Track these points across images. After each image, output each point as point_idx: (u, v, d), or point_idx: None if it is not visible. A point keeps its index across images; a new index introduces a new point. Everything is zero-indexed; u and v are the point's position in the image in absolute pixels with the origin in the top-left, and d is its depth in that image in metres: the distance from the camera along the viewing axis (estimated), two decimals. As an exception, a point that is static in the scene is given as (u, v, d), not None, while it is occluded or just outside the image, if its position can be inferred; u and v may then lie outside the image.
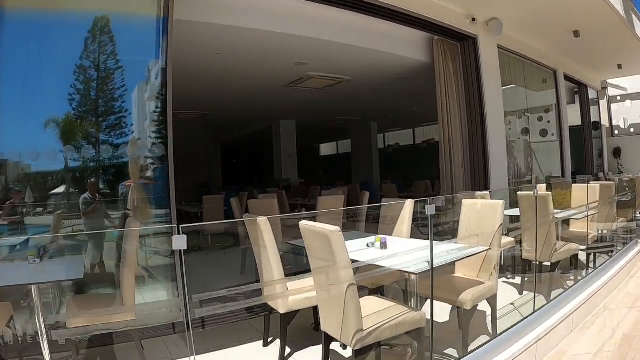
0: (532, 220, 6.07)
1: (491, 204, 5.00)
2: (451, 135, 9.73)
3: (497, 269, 4.81)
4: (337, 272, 3.62)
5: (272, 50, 9.25)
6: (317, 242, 3.80)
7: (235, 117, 19.68)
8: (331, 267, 3.65)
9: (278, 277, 4.58)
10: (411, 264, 3.87)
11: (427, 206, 3.68)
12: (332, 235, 3.55)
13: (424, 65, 10.20)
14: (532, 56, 12.27)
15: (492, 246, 4.67)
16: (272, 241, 4.57)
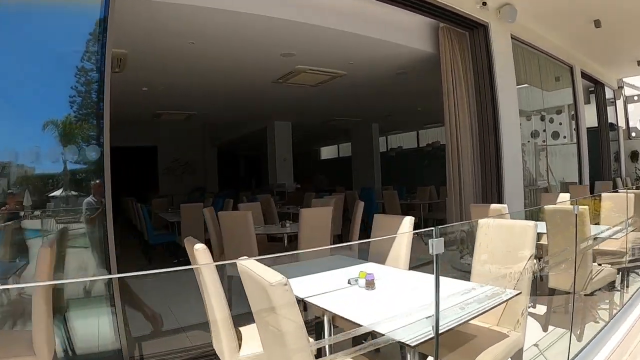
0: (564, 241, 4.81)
1: (518, 227, 3.72)
2: (459, 137, 8.58)
3: (526, 314, 3.53)
4: (282, 337, 2.47)
5: (253, 38, 8.18)
6: (256, 292, 2.62)
7: (226, 118, 18.97)
8: (275, 332, 2.52)
9: (222, 325, 3.33)
10: (406, 320, 2.59)
11: (431, 241, 2.41)
12: (272, 291, 2.39)
13: (428, 57, 9.16)
14: (548, 49, 11.06)
15: (522, 287, 3.40)
16: (214, 279, 3.32)
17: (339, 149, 31.53)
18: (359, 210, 7.60)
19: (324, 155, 34.32)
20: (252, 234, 6.52)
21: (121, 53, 8.34)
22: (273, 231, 7.53)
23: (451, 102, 8.57)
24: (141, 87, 11.42)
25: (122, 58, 8.64)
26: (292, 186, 18.35)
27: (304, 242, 6.56)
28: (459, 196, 8.48)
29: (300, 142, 26.01)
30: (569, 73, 12.63)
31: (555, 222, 5.20)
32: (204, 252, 3.33)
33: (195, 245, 3.35)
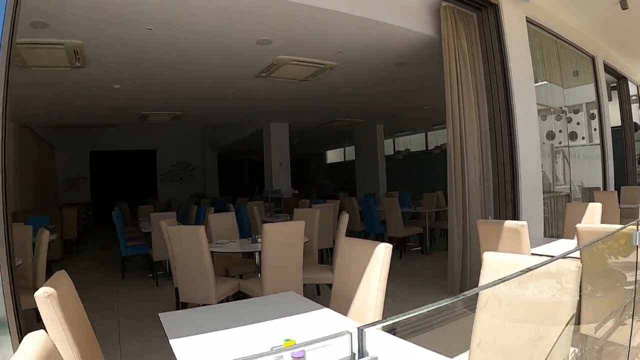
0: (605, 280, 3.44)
1: (550, 269, 2.34)
2: (464, 136, 7.22)
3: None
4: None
5: (220, 21, 7.00)
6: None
7: (219, 119, 18.36)
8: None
9: None
10: None
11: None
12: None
13: (430, 43, 7.87)
14: (567, 36, 9.72)
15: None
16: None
17: (344, 152, 30.45)
18: (342, 225, 6.32)
19: (330, 159, 33.22)
20: (205, 252, 5.42)
21: (76, 44, 7.50)
22: (231, 249, 6.25)
23: (454, 94, 7.23)
24: (112, 85, 10.47)
25: (79, 50, 7.77)
26: (289, 192, 17.11)
27: (267, 265, 5.29)
28: (462, 208, 7.14)
29: (303, 146, 25.09)
30: (591, 65, 11.29)
31: (594, 253, 3.79)
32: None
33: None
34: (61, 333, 2.36)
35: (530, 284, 2.41)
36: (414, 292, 7.50)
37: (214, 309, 3.29)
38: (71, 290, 2.78)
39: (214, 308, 3.29)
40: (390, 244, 3.08)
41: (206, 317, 3.02)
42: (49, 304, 2.32)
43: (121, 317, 6.84)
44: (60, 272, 2.79)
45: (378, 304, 2.97)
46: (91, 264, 11.91)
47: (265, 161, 18.32)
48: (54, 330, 2.36)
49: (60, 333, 2.36)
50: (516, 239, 4.41)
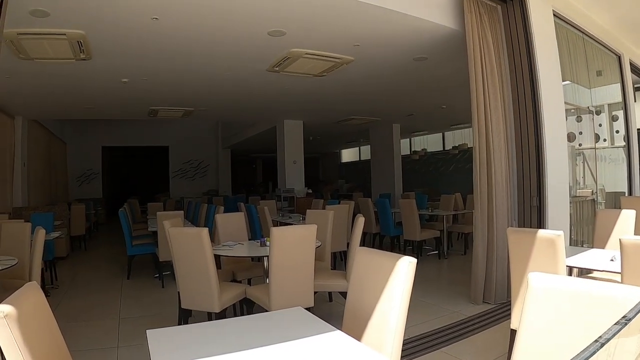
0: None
1: (609, 296, 1.91)
2: (491, 137, 6.77)
3: None
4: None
5: (229, 9, 6.57)
6: None
7: (231, 115, 18.09)
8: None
9: None
10: None
11: None
12: None
13: (452, 37, 7.49)
14: (594, 32, 9.26)
15: None
16: None
17: (360, 151, 30.12)
18: (357, 228, 5.88)
19: (345, 158, 32.90)
20: (208, 257, 5.02)
21: (78, 34, 7.13)
22: (238, 252, 5.85)
23: (480, 93, 6.77)
24: (120, 79, 10.11)
25: (83, 41, 7.42)
26: (302, 191, 16.74)
27: (275, 272, 4.88)
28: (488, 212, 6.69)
29: (317, 144, 24.80)
30: (617, 63, 10.80)
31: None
32: None
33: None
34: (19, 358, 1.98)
35: (587, 309, 1.97)
36: (433, 299, 7.12)
37: (210, 327, 2.91)
38: (41, 304, 2.39)
39: (209, 326, 2.90)
40: (415, 258, 2.64)
41: (201, 338, 2.63)
42: (5, 326, 1.94)
43: (122, 320, 6.54)
44: (30, 283, 2.40)
45: (398, 329, 2.54)
46: (98, 262, 11.67)
47: (278, 159, 18.02)
48: (12, 356, 1.97)
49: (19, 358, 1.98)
50: (550, 251, 3.97)
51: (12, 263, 5.14)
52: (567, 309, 2.03)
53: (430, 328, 5.74)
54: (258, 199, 16.50)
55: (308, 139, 19.90)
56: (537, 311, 2.14)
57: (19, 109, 12.91)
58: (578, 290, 2.03)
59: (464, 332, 5.61)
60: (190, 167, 26.74)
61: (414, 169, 24.17)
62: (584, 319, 1.96)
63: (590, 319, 1.94)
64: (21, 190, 13.25)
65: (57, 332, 2.48)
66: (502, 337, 5.07)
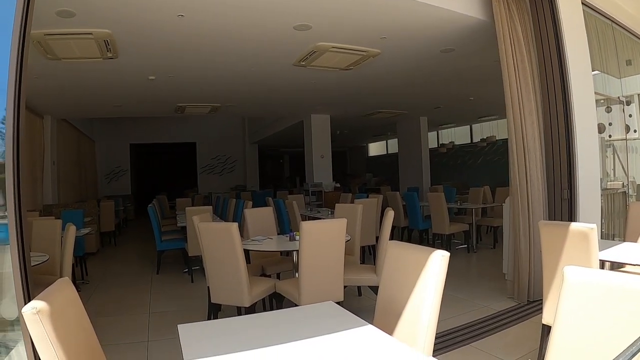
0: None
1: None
2: (524, 129, 6.67)
3: None
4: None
5: (254, 4, 6.55)
6: None
7: (258, 111, 17.94)
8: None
9: None
10: None
11: None
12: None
13: (479, 28, 7.42)
14: (623, 20, 9.06)
15: None
16: None
17: (387, 144, 30.00)
18: (387, 222, 5.84)
19: (372, 152, 32.79)
20: (238, 252, 5.02)
21: (105, 33, 7.19)
22: (267, 247, 5.85)
23: (513, 84, 6.68)
24: (147, 76, 10.17)
25: (110, 40, 7.49)
26: (330, 185, 16.71)
27: (305, 266, 4.87)
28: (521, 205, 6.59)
29: (344, 138, 24.77)
30: (647, 50, 10.61)
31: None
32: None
33: None
34: (52, 354, 1.98)
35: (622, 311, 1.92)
36: (462, 293, 7.07)
37: (240, 321, 2.91)
38: (73, 300, 2.40)
39: (239, 321, 2.91)
40: (447, 252, 2.60)
41: (232, 332, 2.63)
42: (37, 322, 1.94)
43: (152, 314, 6.59)
44: (62, 279, 2.41)
45: (431, 324, 2.51)
46: (127, 257, 11.79)
47: (305, 153, 18.01)
48: (44, 351, 1.98)
49: (52, 354, 1.98)
50: (583, 244, 3.89)
51: (43, 259, 5.19)
52: (604, 303, 1.99)
53: (460, 322, 5.69)
54: (286, 194, 16.51)
55: (335, 133, 19.87)
56: (573, 305, 2.10)
57: (48, 109, 13.06)
58: (615, 284, 1.99)
59: (495, 327, 5.55)
60: (218, 162, 26.88)
61: (442, 162, 24.00)
62: (622, 314, 1.92)
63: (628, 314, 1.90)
64: (51, 188, 13.42)
65: (89, 326, 2.50)
66: (533, 332, 5.00)
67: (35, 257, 5.10)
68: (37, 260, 5.00)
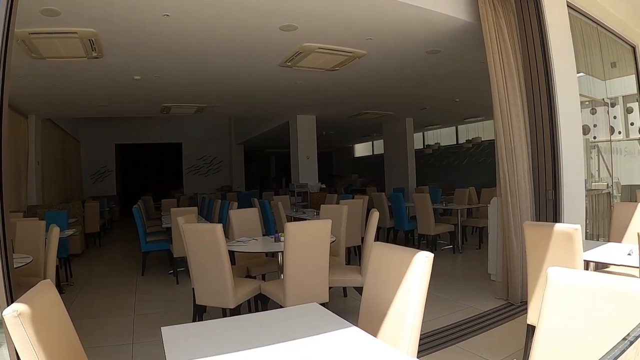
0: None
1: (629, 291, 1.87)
2: (511, 130, 6.71)
3: None
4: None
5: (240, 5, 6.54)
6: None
7: (244, 111, 17.97)
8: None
9: None
10: None
11: None
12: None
13: (465, 29, 7.48)
14: (608, 23, 9.16)
15: None
16: None
17: (373, 145, 30.07)
18: (372, 223, 5.84)
19: (358, 153, 32.86)
20: (223, 253, 5.01)
21: (90, 32, 7.14)
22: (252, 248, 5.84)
23: (500, 85, 6.72)
24: (132, 76, 10.11)
25: (95, 39, 7.44)
26: (316, 186, 16.71)
27: (290, 267, 4.87)
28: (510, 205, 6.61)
29: (330, 138, 24.78)
30: (631, 54, 10.69)
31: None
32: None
33: None
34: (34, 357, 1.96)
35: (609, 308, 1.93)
36: (448, 293, 7.09)
37: (225, 323, 2.89)
38: (54, 302, 2.38)
39: (224, 323, 2.89)
40: (431, 253, 2.61)
41: (215, 334, 2.61)
42: (19, 325, 1.92)
43: (137, 316, 6.55)
44: (43, 281, 2.39)
45: (415, 325, 2.50)
46: (112, 258, 11.72)
47: (291, 154, 18.01)
48: (26, 354, 1.96)
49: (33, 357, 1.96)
50: (567, 245, 3.92)
51: (27, 261, 5.15)
52: (588, 304, 2.00)
53: (445, 323, 5.71)
54: (272, 195, 16.49)
55: (321, 134, 19.89)
56: (557, 306, 2.11)
57: (32, 108, 12.96)
58: (599, 286, 1.99)
59: (480, 327, 5.57)
60: (203, 163, 26.84)
61: (428, 163, 24.09)
62: (605, 315, 1.93)
63: (612, 315, 1.90)
64: (35, 189, 13.32)
65: (71, 329, 2.47)
66: (519, 333, 5.03)
67: (19, 259, 5.06)
68: (21, 262, 4.96)
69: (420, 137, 24.92)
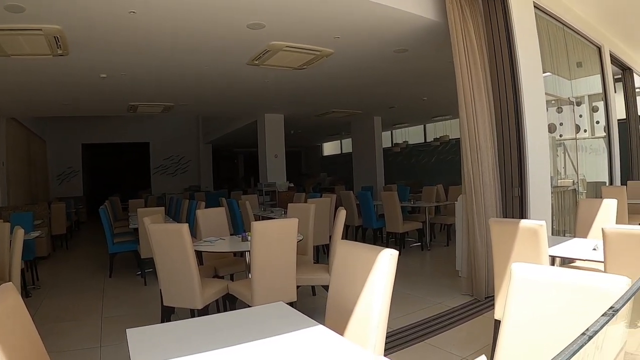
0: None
1: (590, 286, 1.88)
2: (477, 128, 6.74)
3: None
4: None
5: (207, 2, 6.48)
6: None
7: (212, 110, 17.90)
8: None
9: None
10: None
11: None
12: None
13: (432, 28, 7.54)
14: (575, 24, 9.28)
15: None
16: None
17: (341, 144, 30.13)
18: (339, 221, 5.84)
19: (326, 152, 32.89)
20: (189, 253, 4.96)
21: (55, 29, 7.01)
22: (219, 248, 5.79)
23: (466, 84, 6.75)
24: (98, 74, 9.97)
25: (60, 36, 7.30)
26: (284, 185, 16.67)
27: (257, 267, 4.85)
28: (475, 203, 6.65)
29: (299, 137, 24.74)
30: (597, 55, 10.87)
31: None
32: None
33: None
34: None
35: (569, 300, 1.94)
36: (416, 290, 7.13)
37: (191, 324, 2.85)
38: (17, 306, 2.32)
39: (190, 324, 2.86)
40: (396, 250, 2.61)
41: (181, 335, 2.58)
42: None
43: (104, 319, 6.44)
44: (5, 285, 2.33)
45: (381, 323, 2.50)
46: (80, 260, 11.55)
47: (259, 153, 17.93)
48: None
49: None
50: (533, 241, 3.96)
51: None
52: (551, 299, 2.02)
53: (414, 320, 5.72)
54: (240, 194, 16.41)
55: (289, 133, 19.85)
56: (521, 302, 2.13)
57: (-5, 107, 12.74)
58: (562, 280, 2.02)
59: (449, 324, 5.60)
60: (171, 163, 26.62)
61: (396, 161, 24.22)
62: (569, 309, 1.95)
63: (575, 309, 1.92)
64: (0, 190, 13.10)
65: (34, 334, 2.42)
66: (487, 328, 5.06)
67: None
68: (-17, 265, 4.88)
69: (389, 136, 25.02)
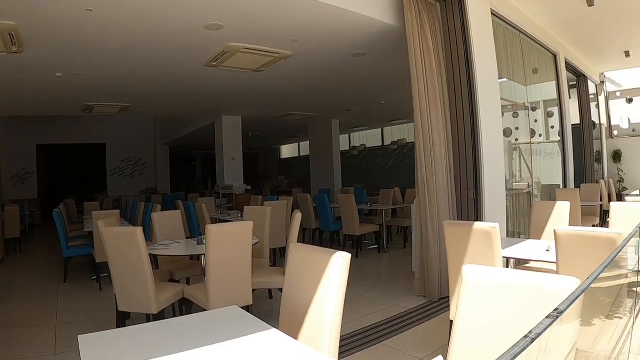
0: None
1: (545, 288, 1.91)
2: (431, 132, 6.83)
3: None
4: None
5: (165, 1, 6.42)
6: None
7: (169, 111, 17.60)
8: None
9: None
10: None
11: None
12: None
13: (390, 33, 7.58)
14: (531, 32, 9.52)
15: None
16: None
17: (299, 147, 30.14)
18: (295, 224, 5.86)
19: (284, 154, 32.88)
20: (143, 256, 4.91)
21: (9, 25, 6.84)
22: (174, 251, 5.74)
23: (421, 90, 6.80)
24: (53, 73, 9.76)
25: (14, 33, 7.12)
26: (241, 187, 16.61)
27: (212, 270, 4.82)
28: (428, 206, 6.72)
29: (256, 139, 24.67)
30: (552, 62, 11.18)
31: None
32: None
33: None
34: None
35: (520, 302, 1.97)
36: (372, 292, 7.16)
37: (145, 329, 2.84)
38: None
39: (144, 329, 2.84)
40: (348, 253, 2.62)
41: (134, 341, 2.56)
42: None
43: (58, 325, 6.31)
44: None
45: (334, 326, 2.51)
46: (33, 265, 11.30)
47: (216, 155, 17.83)
48: None
49: None
50: (486, 242, 4.03)
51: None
52: (501, 300, 2.06)
53: (370, 322, 5.74)
54: (197, 196, 16.30)
55: (247, 135, 19.78)
56: (472, 303, 2.16)
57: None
58: (511, 282, 2.06)
59: (405, 325, 5.64)
60: (128, 164, 26.27)
61: (353, 164, 24.32)
62: (517, 311, 1.99)
63: (523, 311, 1.96)
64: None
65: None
66: (443, 329, 5.12)
67: None
68: None
69: (346, 139, 25.15)
